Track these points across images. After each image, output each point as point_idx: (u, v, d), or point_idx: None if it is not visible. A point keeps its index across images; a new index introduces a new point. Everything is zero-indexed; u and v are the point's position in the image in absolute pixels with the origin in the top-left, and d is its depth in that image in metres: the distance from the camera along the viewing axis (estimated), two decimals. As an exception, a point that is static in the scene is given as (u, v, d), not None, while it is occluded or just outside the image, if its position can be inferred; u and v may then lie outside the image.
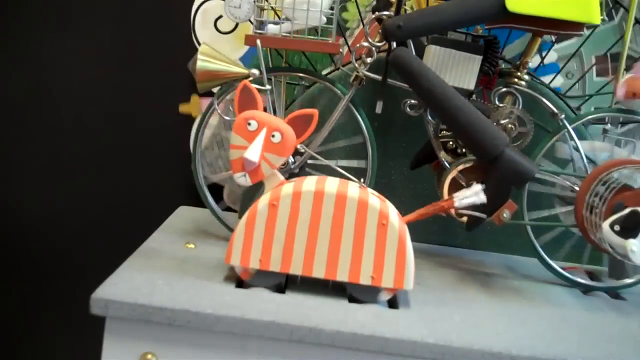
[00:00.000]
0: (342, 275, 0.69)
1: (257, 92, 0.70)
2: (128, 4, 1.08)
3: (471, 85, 0.83)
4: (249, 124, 0.69)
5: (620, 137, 0.89)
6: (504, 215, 0.76)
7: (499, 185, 0.77)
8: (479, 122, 0.77)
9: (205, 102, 0.98)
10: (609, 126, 0.90)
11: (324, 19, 0.83)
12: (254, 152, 0.68)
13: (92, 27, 1.09)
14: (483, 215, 0.79)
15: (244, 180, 0.70)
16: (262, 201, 0.69)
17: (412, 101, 0.83)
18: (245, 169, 0.69)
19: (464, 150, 0.85)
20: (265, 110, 0.71)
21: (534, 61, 0.91)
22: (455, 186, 0.83)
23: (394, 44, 0.79)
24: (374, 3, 0.82)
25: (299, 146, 0.71)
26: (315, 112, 0.70)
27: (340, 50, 0.82)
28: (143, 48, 1.09)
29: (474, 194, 0.70)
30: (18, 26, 1.09)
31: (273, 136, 0.69)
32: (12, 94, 1.11)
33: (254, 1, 0.81)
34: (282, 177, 0.71)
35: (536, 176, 0.84)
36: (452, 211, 0.75)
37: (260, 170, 0.69)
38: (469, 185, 0.81)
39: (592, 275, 0.92)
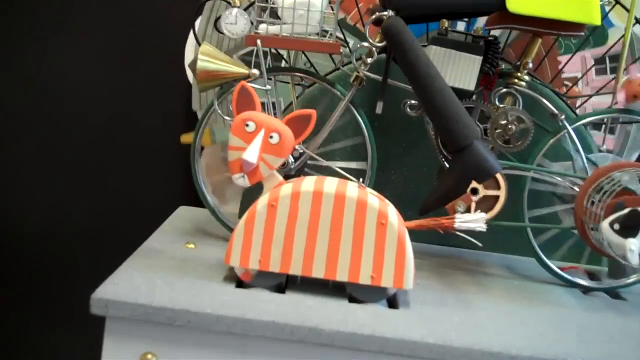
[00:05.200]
0: (341, 275, 0.69)
1: (255, 93, 0.70)
2: (129, 3, 1.08)
3: (471, 86, 0.83)
4: (247, 125, 0.69)
5: (611, 154, 0.90)
6: (459, 207, 0.76)
7: (460, 176, 0.76)
8: (455, 109, 0.75)
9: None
10: (604, 147, 0.91)
11: (317, 21, 0.83)
12: (252, 154, 0.68)
13: (92, 27, 1.09)
14: (479, 244, 0.79)
15: (242, 181, 0.70)
16: (261, 202, 0.69)
17: (412, 101, 0.83)
18: (243, 170, 0.69)
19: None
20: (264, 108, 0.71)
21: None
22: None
23: (391, 12, 0.78)
24: None
25: (297, 147, 0.71)
26: (313, 112, 0.70)
27: (341, 50, 0.82)
28: (143, 48, 1.09)
29: (476, 221, 0.70)
30: (18, 25, 1.09)
31: (271, 137, 0.69)
32: (12, 94, 1.11)
33: (255, 5, 0.81)
34: (280, 178, 0.71)
35: (536, 176, 0.85)
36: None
37: (259, 172, 0.69)
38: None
39: (592, 275, 0.92)
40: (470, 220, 0.70)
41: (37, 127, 1.11)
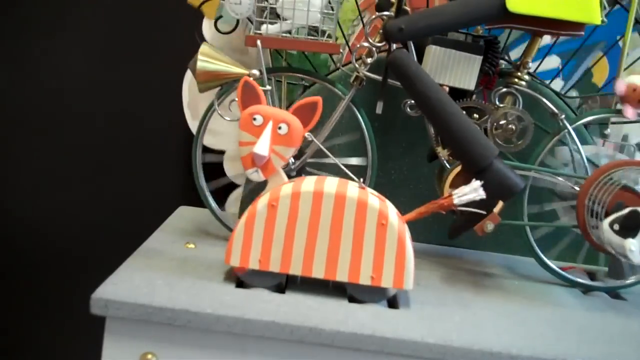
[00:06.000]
0: (341, 276, 0.69)
1: (259, 87, 0.70)
2: (129, 2, 1.08)
3: (471, 86, 0.83)
4: (255, 118, 0.69)
5: (621, 143, 0.89)
6: (488, 227, 0.76)
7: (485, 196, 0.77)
8: (470, 131, 0.76)
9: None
10: (608, 130, 0.90)
11: (317, 17, 0.82)
12: (263, 146, 0.68)
13: (91, 27, 1.09)
14: (482, 212, 0.79)
15: (256, 176, 0.70)
16: (262, 201, 0.69)
17: (412, 101, 0.83)
18: (256, 164, 0.69)
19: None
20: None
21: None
22: (456, 186, 0.83)
23: (394, 46, 0.79)
24: (377, 2, 0.82)
25: (306, 135, 0.71)
26: (319, 99, 0.70)
27: (341, 50, 0.82)
28: (143, 47, 1.09)
29: (473, 190, 0.70)
30: (17, 25, 1.09)
31: (280, 128, 0.69)
32: (11, 94, 1.11)
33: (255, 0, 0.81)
34: (285, 177, 0.71)
35: (536, 176, 0.85)
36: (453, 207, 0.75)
37: (271, 164, 0.69)
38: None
39: (592, 275, 0.92)
40: (468, 192, 0.70)
41: (36, 127, 1.11)
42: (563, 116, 0.84)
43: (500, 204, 0.77)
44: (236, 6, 0.80)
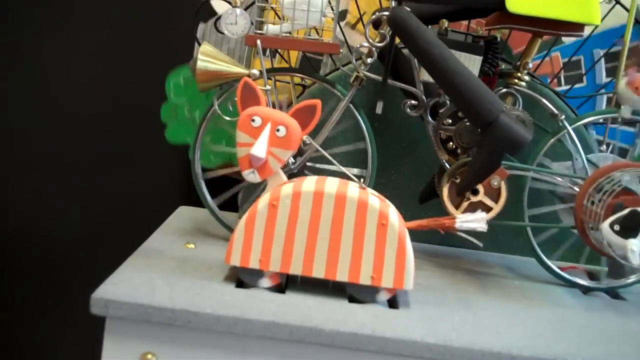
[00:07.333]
0: (342, 276, 0.69)
1: (258, 89, 0.70)
2: (128, 2, 1.08)
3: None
4: (253, 120, 0.69)
5: (612, 154, 0.89)
6: (494, 182, 0.76)
7: (491, 151, 0.76)
8: (475, 86, 0.75)
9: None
10: (603, 146, 0.90)
11: (324, 20, 0.83)
12: (260, 148, 0.68)
13: (91, 27, 1.09)
14: (479, 244, 0.81)
15: (253, 177, 0.70)
16: (262, 201, 0.69)
17: (412, 101, 0.83)
18: (253, 165, 0.69)
19: (463, 150, 0.85)
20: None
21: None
22: (455, 186, 0.83)
23: (394, 3, 0.78)
24: None
25: (304, 138, 0.71)
26: (318, 102, 0.70)
27: (341, 50, 0.82)
28: (143, 47, 1.09)
29: (477, 221, 0.70)
30: (17, 26, 1.09)
31: (278, 130, 0.69)
32: (12, 94, 1.11)
33: (255, 2, 0.81)
34: (285, 177, 0.71)
35: (535, 176, 0.85)
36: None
37: (269, 166, 0.69)
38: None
39: (591, 275, 0.92)
40: (472, 220, 0.70)
41: (36, 127, 1.11)
42: (563, 117, 0.85)
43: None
44: (232, 26, 0.81)
